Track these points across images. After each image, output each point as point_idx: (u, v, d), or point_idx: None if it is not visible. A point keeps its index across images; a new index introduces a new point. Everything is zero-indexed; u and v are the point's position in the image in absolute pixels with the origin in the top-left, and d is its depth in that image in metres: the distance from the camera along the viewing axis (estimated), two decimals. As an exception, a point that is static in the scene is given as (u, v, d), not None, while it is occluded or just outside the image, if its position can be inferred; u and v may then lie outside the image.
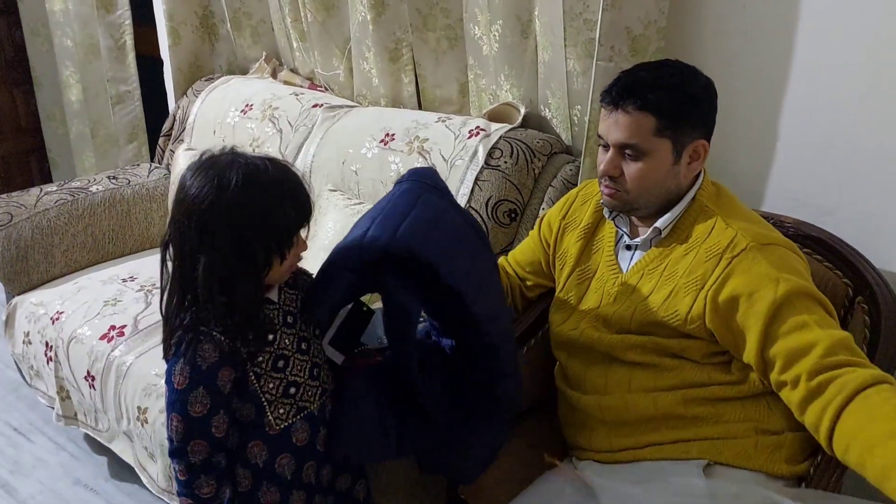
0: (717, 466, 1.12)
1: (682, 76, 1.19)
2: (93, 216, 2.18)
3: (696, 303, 1.13)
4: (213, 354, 1.06)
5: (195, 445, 1.06)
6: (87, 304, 1.95)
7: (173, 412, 1.07)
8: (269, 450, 1.13)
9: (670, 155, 1.16)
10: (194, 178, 1.05)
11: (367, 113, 2.07)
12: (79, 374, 1.85)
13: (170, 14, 2.48)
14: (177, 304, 1.08)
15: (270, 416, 1.12)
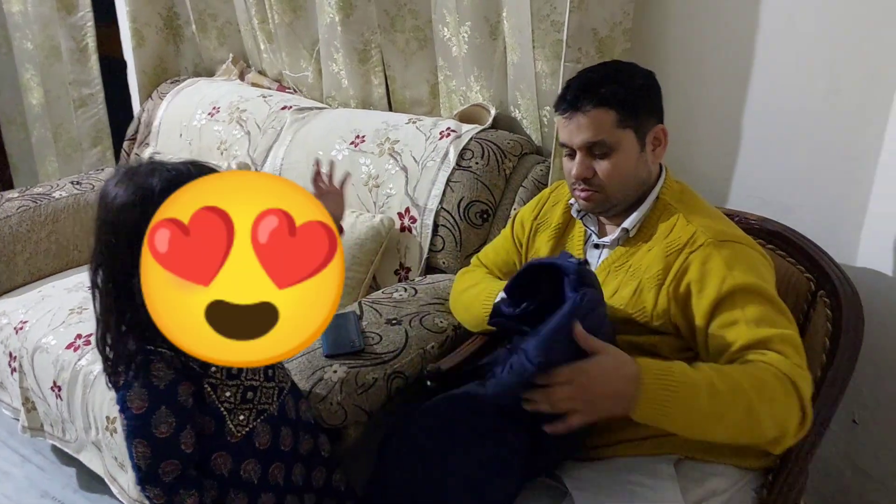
0: (689, 461, 1.14)
1: (627, 70, 1.24)
2: (56, 223, 2.14)
3: (660, 297, 1.16)
4: (168, 372, 1.04)
5: (167, 466, 1.04)
6: (52, 312, 1.91)
7: (136, 438, 1.04)
8: (233, 458, 1.12)
9: (636, 144, 1.19)
10: (116, 191, 1.04)
11: (337, 114, 2.07)
12: (44, 385, 1.81)
13: (133, 15, 2.45)
14: (115, 329, 1.06)
15: (231, 424, 1.11)
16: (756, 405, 0.98)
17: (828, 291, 1.33)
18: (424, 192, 1.76)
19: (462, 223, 1.73)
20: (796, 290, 1.38)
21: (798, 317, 1.36)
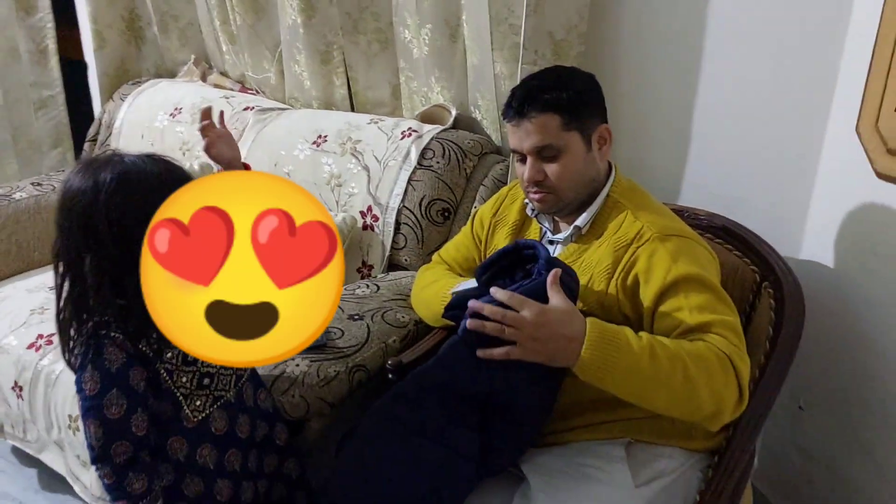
0: (639, 444, 1.19)
1: (568, 75, 1.29)
2: (17, 223, 2.13)
3: (609, 290, 1.20)
4: (119, 356, 1.07)
5: (118, 447, 1.07)
6: (13, 313, 1.90)
7: (89, 419, 1.07)
8: (188, 443, 1.15)
9: (582, 145, 1.23)
10: (73, 180, 1.08)
11: (300, 115, 2.09)
12: (5, 385, 1.80)
13: (94, 17, 2.45)
14: (73, 313, 1.10)
15: (187, 409, 1.14)
16: (694, 375, 1.03)
17: (772, 283, 1.39)
18: (386, 190, 1.79)
19: (424, 221, 1.77)
20: (742, 282, 1.44)
21: (744, 307, 1.43)
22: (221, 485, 1.19)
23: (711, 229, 1.49)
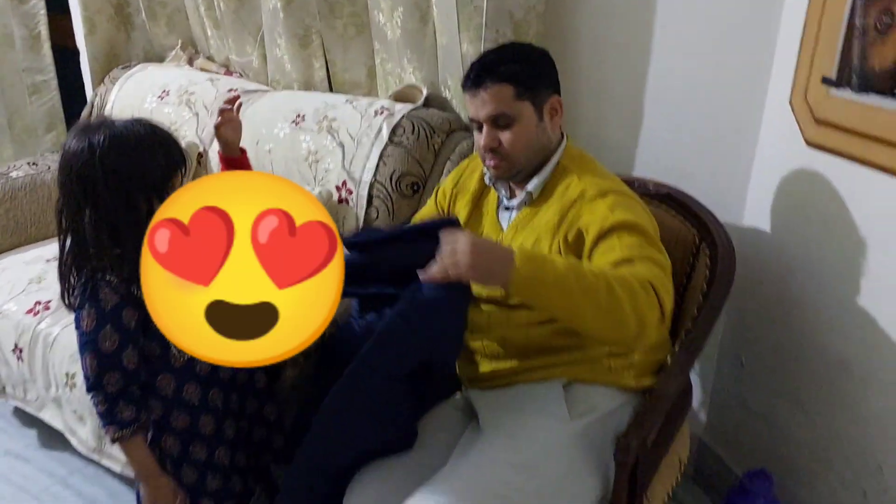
0: (576, 384, 1.32)
1: (522, 50, 1.40)
2: (14, 200, 2.25)
3: (553, 245, 1.32)
4: (113, 297, 1.20)
5: (110, 378, 1.20)
6: (12, 282, 2.02)
7: (86, 352, 1.21)
8: (175, 380, 1.28)
9: (534, 114, 1.34)
10: (70, 142, 1.21)
11: (280, 96, 2.20)
12: (6, 348, 1.92)
13: (84, 4, 2.55)
14: (73, 261, 1.23)
15: (174, 349, 1.27)
16: (618, 292, 1.09)
17: (708, 243, 1.52)
18: (359, 166, 1.91)
19: (394, 195, 1.89)
20: (684, 244, 1.56)
21: (685, 267, 1.56)
22: (205, 420, 1.32)
23: (657, 196, 1.61)
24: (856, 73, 1.28)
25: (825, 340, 1.52)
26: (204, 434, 1.34)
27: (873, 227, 1.37)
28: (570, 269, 1.11)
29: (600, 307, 1.10)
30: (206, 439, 1.35)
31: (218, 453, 1.37)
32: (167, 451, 1.32)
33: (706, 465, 1.92)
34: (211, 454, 1.36)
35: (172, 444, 1.32)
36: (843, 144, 1.36)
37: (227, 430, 1.37)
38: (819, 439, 1.57)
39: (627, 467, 1.20)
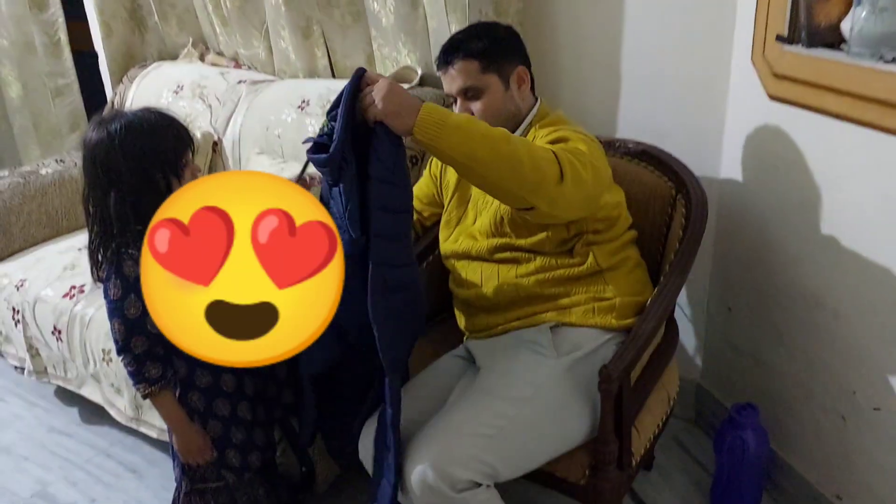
0: (563, 326, 1.45)
1: (487, 28, 1.52)
2: (45, 195, 2.41)
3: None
4: (136, 268, 1.29)
5: (136, 341, 1.34)
6: (48, 270, 2.18)
7: (114, 318, 1.34)
8: None
9: (500, 85, 1.47)
10: (91, 134, 1.35)
11: (286, 84, 2.35)
12: (46, 331, 2.09)
13: (100, 9, 2.70)
14: (99, 241, 1.36)
15: None
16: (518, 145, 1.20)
17: (684, 195, 1.64)
18: (362, 143, 2.05)
19: (396, 168, 2.02)
20: (662, 198, 1.68)
21: (664, 218, 1.68)
22: (226, 378, 1.46)
23: (637, 154, 1.74)
24: (804, 29, 1.40)
25: (798, 277, 1.63)
26: (226, 391, 1.47)
27: (829, 169, 1.48)
28: (472, 121, 1.21)
29: (501, 157, 1.19)
30: (228, 395, 1.47)
31: (240, 408, 1.49)
32: (194, 406, 1.45)
33: (705, 407, 2.04)
34: (234, 409, 1.48)
35: (198, 399, 1.45)
36: (799, 96, 1.47)
37: (247, 387, 1.50)
38: (799, 371, 1.69)
39: (611, 395, 1.33)
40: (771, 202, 1.69)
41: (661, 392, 1.61)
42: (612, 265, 1.49)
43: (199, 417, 1.46)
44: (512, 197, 1.27)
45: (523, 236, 1.48)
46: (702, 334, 2.03)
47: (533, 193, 1.23)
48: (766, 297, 1.76)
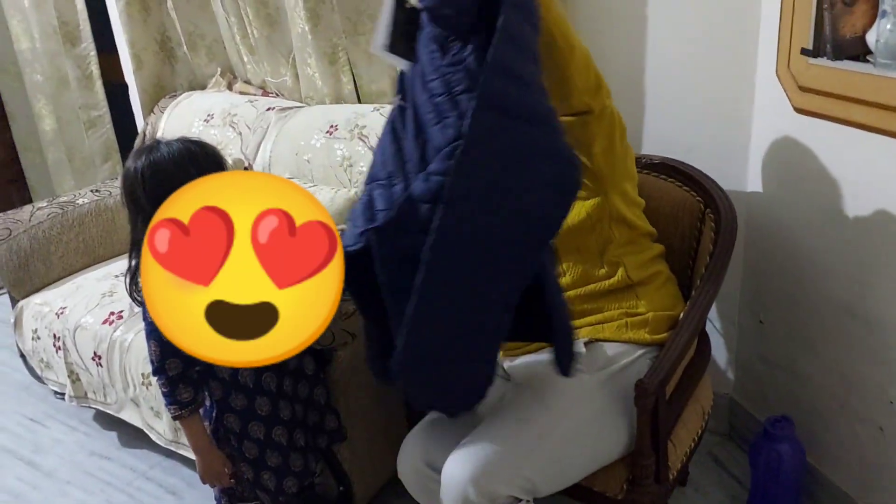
0: (597, 342, 1.46)
1: None
2: (82, 225, 2.48)
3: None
4: None
5: (171, 363, 1.39)
6: (87, 297, 2.24)
7: (151, 340, 1.39)
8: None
9: None
10: (128, 165, 1.40)
11: (314, 110, 2.40)
12: (86, 356, 2.14)
13: (131, 42, 2.78)
14: (136, 264, 1.40)
15: None
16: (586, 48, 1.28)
17: (712, 209, 1.65)
18: (390, 165, 2.09)
19: (425, 189, 2.06)
20: (691, 212, 1.70)
21: (694, 232, 1.69)
22: (261, 401, 1.49)
23: (663, 169, 1.76)
24: (829, 42, 1.41)
25: (829, 288, 1.63)
26: (261, 414, 1.50)
27: (858, 179, 1.49)
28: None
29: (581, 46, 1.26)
30: (263, 419, 1.50)
31: (275, 432, 1.51)
32: (230, 427, 1.49)
33: (739, 421, 2.04)
34: (269, 433, 1.51)
35: (234, 421, 1.49)
36: (826, 108, 1.48)
37: (283, 411, 1.53)
38: (834, 382, 1.69)
39: (647, 409, 1.34)
40: (799, 214, 1.70)
41: (696, 405, 1.62)
42: (642, 279, 1.51)
43: (235, 438, 1.50)
44: (577, 92, 1.27)
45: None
46: (733, 347, 2.03)
47: (592, 95, 1.29)
48: (798, 308, 1.76)
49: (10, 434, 2.41)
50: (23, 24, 3.11)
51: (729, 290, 1.94)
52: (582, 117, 1.28)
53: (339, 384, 1.69)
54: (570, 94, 1.26)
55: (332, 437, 1.66)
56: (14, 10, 3.10)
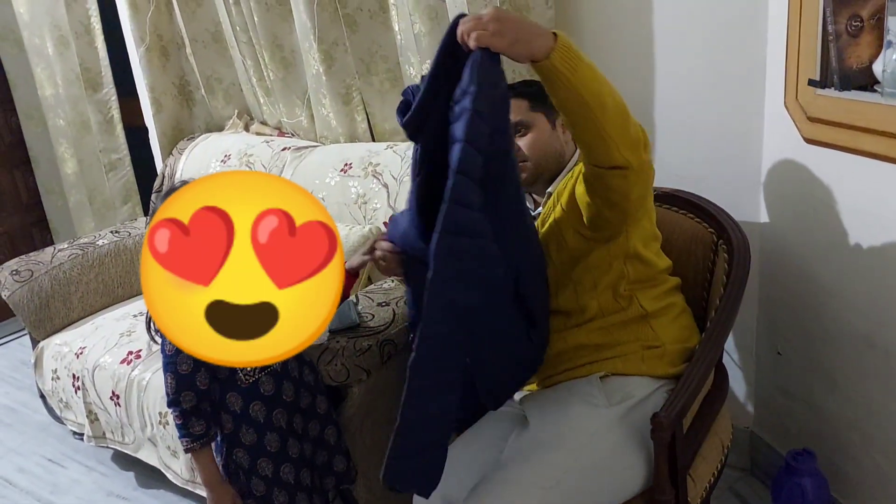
0: (613, 376, 1.45)
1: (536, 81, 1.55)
2: (102, 266, 2.52)
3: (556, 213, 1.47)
4: None
5: (185, 396, 1.41)
6: (106, 337, 2.26)
7: (167, 372, 1.42)
8: (243, 398, 1.47)
9: (547, 123, 1.53)
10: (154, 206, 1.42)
11: (329, 149, 2.43)
12: (104, 396, 2.15)
13: (151, 86, 2.85)
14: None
15: (240, 373, 1.46)
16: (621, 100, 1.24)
17: (725, 240, 1.64)
18: (403, 202, 2.11)
19: (438, 225, 2.07)
20: (703, 244, 1.69)
21: (707, 264, 1.69)
22: (271, 437, 1.49)
23: (674, 201, 1.76)
24: (836, 73, 1.42)
25: (847, 318, 1.62)
26: (270, 451, 1.50)
27: (871, 208, 1.49)
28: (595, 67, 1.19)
29: (617, 104, 1.21)
30: (272, 456, 1.50)
31: (283, 470, 1.51)
32: (239, 462, 1.49)
33: (760, 455, 2.01)
34: (277, 470, 1.50)
35: (243, 456, 1.49)
36: (835, 138, 1.49)
37: (292, 449, 1.52)
38: (855, 413, 1.66)
39: (664, 442, 1.32)
40: (813, 244, 1.69)
41: (715, 439, 1.60)
42: (656, 310, 1.50)
43: (244, 474, 1.50)
44: (614, 148, 1.24)
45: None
46: (752, 380, 2.01)
47: (632, 150, 1.24)
48: (815, 339, 1.75)
49: (30, 475, 2.42)
50: (47, 72, 3.19)
51: (746, 322, 1.93)
52: (621, 171, 1.27)
53: (353, 421, 1.69)
54: (607, 149, 1.24)
55: (340, 478, 1.64)
56: (39, 59, 3.20)
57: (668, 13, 1.82)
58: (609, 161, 1.26)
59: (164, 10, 2.80)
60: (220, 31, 2.73)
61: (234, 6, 2.52)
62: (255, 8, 2.43)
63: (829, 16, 1.38)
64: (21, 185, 3.61)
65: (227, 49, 2.75)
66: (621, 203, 1.34)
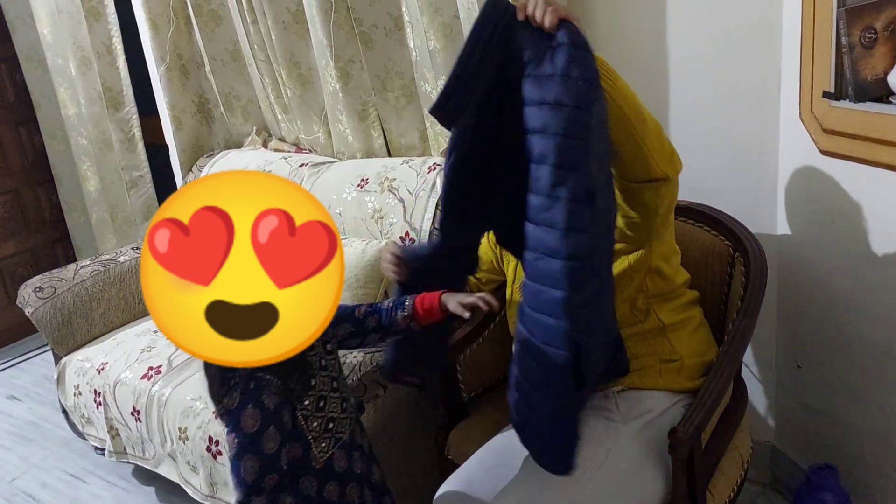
0: (630, 390, 1.45)
1: None
2: (123, 282, 2.55)
3: None
4: (275, 397, 1.17)
5: (270, 480, 1.17)
6: (127, 353, 2.29)
7: (248, 454, 1.15)
8: (318, 482, 1.25)
9: None
10: None
11: (345, 165, 2.45)
12: (125, 411, 2.18)
13: (171, 105, 2.89)
14: (217, 371, 1.20)
15: (315, 450, 1.24)
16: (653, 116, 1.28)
17: (742, 252, 1.64)
18: (419, 217, 2.12)
19: (454, 240, 2.08)
20: (720, 257, 1.69)
21: (724, 277, 1.68)
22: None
23: (691, 213, 1.76)
24: (851, 85, 1.42)
25: (867, 330, 1.60)
26: None
27: (888, 219, 1.48)
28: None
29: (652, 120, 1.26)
30: None
31: None
32: None
33: (781, 470, 1.98)
34: None
35: None
36: (851, 150, 1.48)
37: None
38: (877, 427, 1.64)
39: (681, 458, 1.32)
40: (832, 255, 1.68)
41: (734, 454, 1.58)
42: (674, 323, 1.50)
43: None
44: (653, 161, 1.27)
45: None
46: (772, 393, 1.99)
47: (668, 162, 1.29)
48: (836, 351, 1.73)
49: (52, 490, 2.45)
50: (69, 91, 3.25)
51: (765, 335, 1.91)
52: (657, 184, 1.29)
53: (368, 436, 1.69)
54: (647, 163, 1.26)
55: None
56: (62, 79, 3.26)
57: (682, 27, 1.83)
58: (647, 174, 1.29)
59: (183, 29, 2.84)
60: (239, 50, 2.77)
61: (253, 25, 2.56)
62: (272, 27, 2.47)
63: (843, 28, 1.38)
64: (44, 203, 3.67)
65: (245, 67, 2.78)
66: (650, 217, 1.36)
